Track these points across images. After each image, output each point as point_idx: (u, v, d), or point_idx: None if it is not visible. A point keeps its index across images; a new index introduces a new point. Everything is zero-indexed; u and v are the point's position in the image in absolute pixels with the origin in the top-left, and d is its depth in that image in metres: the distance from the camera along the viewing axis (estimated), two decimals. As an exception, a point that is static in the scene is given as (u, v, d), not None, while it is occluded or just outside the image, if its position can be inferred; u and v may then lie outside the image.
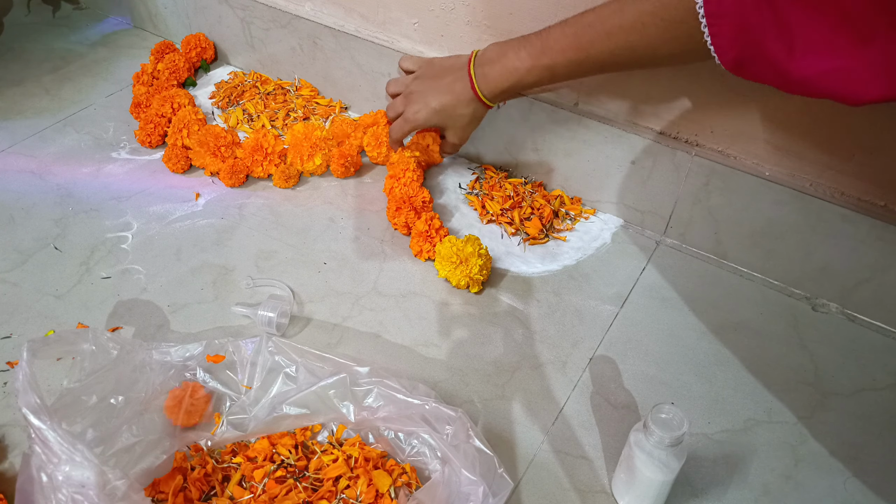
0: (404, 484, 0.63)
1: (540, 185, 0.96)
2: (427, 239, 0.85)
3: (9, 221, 0.89)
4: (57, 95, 1.12)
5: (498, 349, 0.77)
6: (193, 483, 0.62)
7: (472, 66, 0.79)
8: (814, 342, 0.78)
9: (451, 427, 0.62)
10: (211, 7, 1.13)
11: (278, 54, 1.12)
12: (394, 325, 0.79)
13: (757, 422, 0.70)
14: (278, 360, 0.68)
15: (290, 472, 0.64)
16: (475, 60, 0.79)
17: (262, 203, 0.94)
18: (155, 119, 1.02)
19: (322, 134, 0.97)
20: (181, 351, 0.69)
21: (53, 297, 0.80)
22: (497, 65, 0.77)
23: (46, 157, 1.00)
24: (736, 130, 0.79)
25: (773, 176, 0.78)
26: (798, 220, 0.79)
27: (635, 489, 0.61)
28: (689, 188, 0.84)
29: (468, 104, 0.81)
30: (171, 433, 0.65)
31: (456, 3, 0.89)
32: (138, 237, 0.88)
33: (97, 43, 1.26)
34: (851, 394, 0.73)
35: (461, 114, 0.82)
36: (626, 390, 0.73)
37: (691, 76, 0.78)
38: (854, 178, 0.75)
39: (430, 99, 0.83)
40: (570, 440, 0.68)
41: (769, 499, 0.65)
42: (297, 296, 0.82)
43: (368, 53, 1.00)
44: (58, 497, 0.51)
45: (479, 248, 0.81)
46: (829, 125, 0.73)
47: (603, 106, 0.86)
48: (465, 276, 0.80)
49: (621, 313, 0.81)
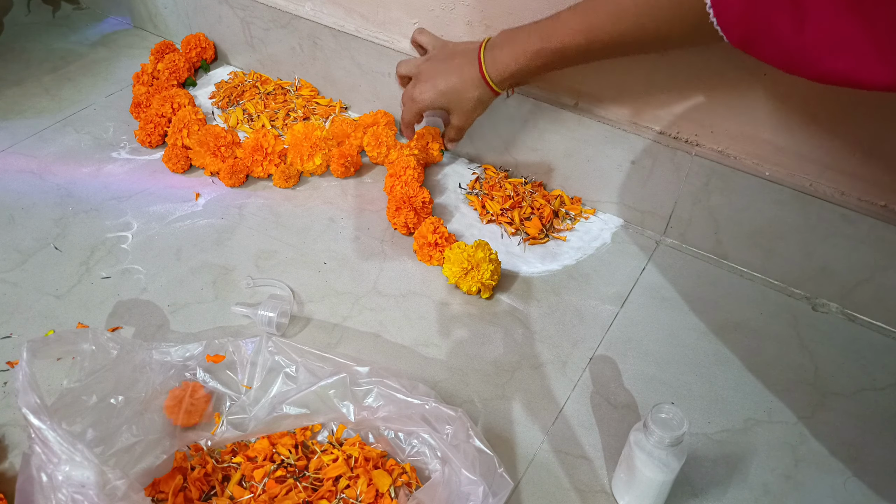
0: (404, 484, 0.63)
1: (540, 185, 0.96)
2: (436, 248, 0.85)
3: (9, 221, 0.89)
4: (57, 95, 1.12)
5: (498, 349, 0.77)
6: (193, 483, 0.62)
7: (482, 50, 0.79)
8: (814, 342, 0.78)
9: (451, 427, 0.62)
10: (211, 7, 1.14)
11: (278, 54, 1.12)
12: (394, 325, 0.79)
13: (757, 422, 0.70)
14: (278, 360, 0.68)
15: (290, 471, 0.64)
16: (486, 45, 0.79)
17: (262, 203, 0.94)
18: (155, 119, 1.02)
19: (322, 134, 0.97)
20: (181, 351, 0.69)
21: (53, 297, 0.80)
22: (506, 48, 0.77)
23: (46, 157, 1.00)
24: (736, 130, 0.79)
25: (773, 176, 0.78)
26: (798, 220, 0.79)
27: (635, 489, 0.61)
28: (689, 188, 0.84)
29: (475, 87, 0.81)
30: (171, 433, 0.65)
31: (456, 3, 0.89)
32: (138, 237, 0.88)
33: (97, 43, 1.26)
34: (851, 394, 0.73)
35: (468, 97, 0.82)
36: (626, 390, 0.73)
37: (691, 76, 0.78)
38: (854, 178, 0.75)
39: (438, 80, 0.83)
40: (570, 440, 0.68)
41: (769, 499, 0.65)
42: (297, 296, 0.82)
43: (368, 53, 1.00)
44: (58, 497, 0.51)
45: (489, 252, 0.80)
46: (830, 125, 0.73)
47: (603, 106, 0.86)
48: (476, 281, 0.79)
49: (621, 313, 0.81)
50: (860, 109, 0.70)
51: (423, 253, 0.85)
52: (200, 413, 0.67)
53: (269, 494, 0.62)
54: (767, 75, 0.73)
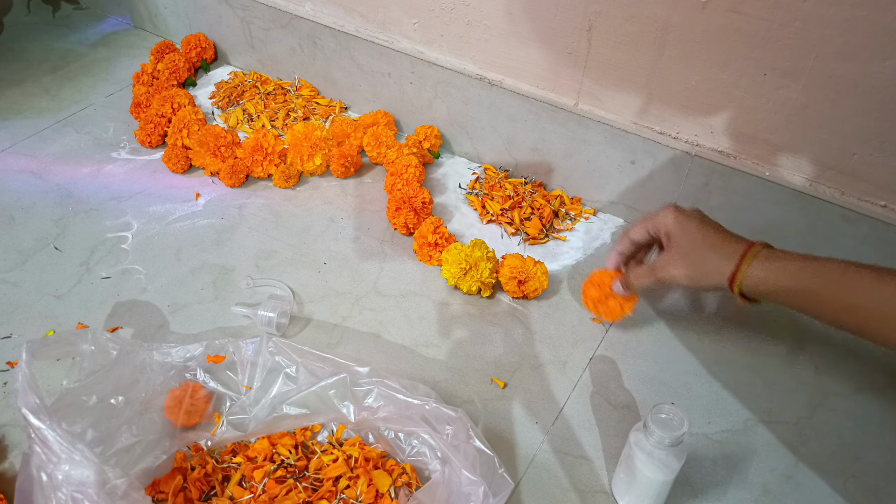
0: (404, 484, 0.63)
1: (540, 185, 0.96)
2: (436, 248, 0.85)
3: (9, 221, 0.89)
4: (57, 95, 1.12)
5: (498, 349, 0.77)
6: (193, 483, 0.62)
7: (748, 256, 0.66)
8: (814, 342, 0.78)
9: (451, 427, 0.62)
10: (211, 7, 1.13)
11: (278, 54, 1.12)
12: (394, 325, 0.79)
13: (757, 422, 0.70)
14: (278, 361, 0.68)
15: (290, 472, 0.64)
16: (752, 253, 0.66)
17: (262, 203, 0.94)
18: (155, 119, 1.02)
19: (322, 134, 0.97)
20: (181, 351, 0.69)
21: (53, 297, 0.80)
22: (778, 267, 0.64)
23: (46, 157, 1.00)
24: (736, 130, 0.79)
25: (773, 176, 0.78)
26: (798, 220, 0.79)
27: (635, 489, 0.61)
28: (689, 188, 0.84)
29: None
30: (171, 433, 0.65)
31: (456, 3, 0.89)
32: (138, 237, 0.88)
33: (97, 43, 1.26)
34: (851, 394, 0.73)
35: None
36: (626, 390, 0.73)
37: (691, 76, 0.78)
38: (854, 178, 0.75)
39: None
40: (570, 440, 0.68)
41: (769, 499, 0.65)
42: (297, 296, 0.81)
43: (368, 53, 1.00)
44: (57, 496, 0.51)
45: (486, 251, 0.80)
46: (830, 125, 0.73)
47: (603, 106, 0.86)
48: (476, 281, 0.79)
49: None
50: (860, 110, 0.70)
51: (423, 253, 0.85)
52: (200, 413, 0.67)
53: (269, 495, 0.62)
54: (767, 76, 0.73)
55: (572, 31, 0.82)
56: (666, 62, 0.78)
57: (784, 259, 0.63)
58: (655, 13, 0.75)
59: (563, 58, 0.85)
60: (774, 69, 0.72)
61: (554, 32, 0.83)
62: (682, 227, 0.68)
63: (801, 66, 0.70)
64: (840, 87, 0.70)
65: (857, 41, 0.66)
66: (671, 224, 0.69)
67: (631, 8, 0.76)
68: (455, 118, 0.99)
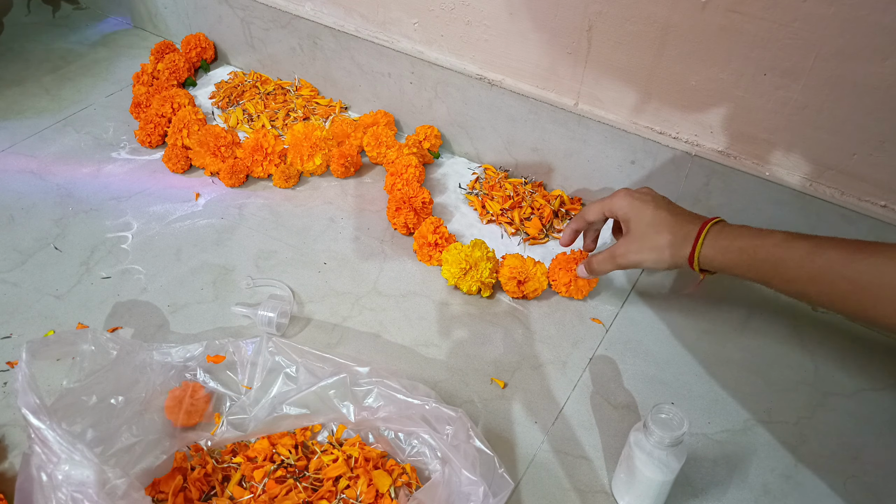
0: (404, 484, 0.63)
1: (540, 185, 0.96)
2: (436, 248, 0.85)
3: (9, 221, 0.89)
4: (57, 95, 1.12)
5: (498, 349, 0.77)
6: (193, 483, 0.62)
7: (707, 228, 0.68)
8: (814, 342, 0.78)
9: (451, 427, 0.62)
10: (211, 7, 1.13)
11: (278, 54, 1.12)
12: (394, 325, 0.79)
13: (757, 422, 0.70)
14: (278, 361, 0.68)
15: (290, 472, 0.64)
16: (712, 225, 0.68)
17: (262, 203, 0.94)
18: (155, 119, 1.02)
19: (322, 134, 0.97)
20: (181, 351, 0.69)
21: (53, 297, 0.80)
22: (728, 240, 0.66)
23: (46, 157, 1.00)
24: (736, 130, 0.79)
25: (772, 176, 0.78)
26: (798, 220, 0.79)
27: (635, 489, 0.61)
28: (689, 188, 0.84)
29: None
30: (171, 433, 0.65)
31: (456, 3, 0.89)
32: (138, 237, 0.88)
33: (97, 43, 1.26)
34: (851, 394, 0.73)
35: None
36: (626, 390, 0.73)
37: (691, 76, 0.78)
38: (854, 178, 0.75)
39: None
40: (570, 440, 0.68)
41: (769, 499, 0.65)
42: (297, 296, 0.81)
43: (368, 53, 1.00)
44: (57, 496, 0.51)
45: (486, 251, 0.80)
46: (830, 125, 0.73)
47: (603, 106, 0.86)
48: (476, 281, 0.79)
49: (621, 313, 0.81)
50: (860, 110, 0.70)
51: (423, 253, 0.85)
52: (200, 413, 0.67)
53: (269, 495, 0.62)
54: (767, 76, 0.73)
55: (572, 30, 0.82)
56: (666, 62, 0.78)
57: (730, 237, 0.66)
58: (655, 13, 0.75)
59: (563, 58, 0.85)
60: (774, 69, 0.72)
61: (554, 32, 0.83)
62: (637, 212, 0.71)
63: (800, 66, 0.70)
64: (840, 87, 0.70)
65: (857, 41, 0.66)
66: (627, 209, 0.72)
67: (631, 8, 0.76)
68: (455, 118, 0.99)
